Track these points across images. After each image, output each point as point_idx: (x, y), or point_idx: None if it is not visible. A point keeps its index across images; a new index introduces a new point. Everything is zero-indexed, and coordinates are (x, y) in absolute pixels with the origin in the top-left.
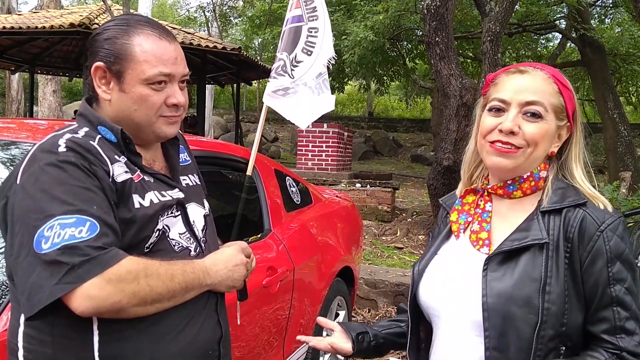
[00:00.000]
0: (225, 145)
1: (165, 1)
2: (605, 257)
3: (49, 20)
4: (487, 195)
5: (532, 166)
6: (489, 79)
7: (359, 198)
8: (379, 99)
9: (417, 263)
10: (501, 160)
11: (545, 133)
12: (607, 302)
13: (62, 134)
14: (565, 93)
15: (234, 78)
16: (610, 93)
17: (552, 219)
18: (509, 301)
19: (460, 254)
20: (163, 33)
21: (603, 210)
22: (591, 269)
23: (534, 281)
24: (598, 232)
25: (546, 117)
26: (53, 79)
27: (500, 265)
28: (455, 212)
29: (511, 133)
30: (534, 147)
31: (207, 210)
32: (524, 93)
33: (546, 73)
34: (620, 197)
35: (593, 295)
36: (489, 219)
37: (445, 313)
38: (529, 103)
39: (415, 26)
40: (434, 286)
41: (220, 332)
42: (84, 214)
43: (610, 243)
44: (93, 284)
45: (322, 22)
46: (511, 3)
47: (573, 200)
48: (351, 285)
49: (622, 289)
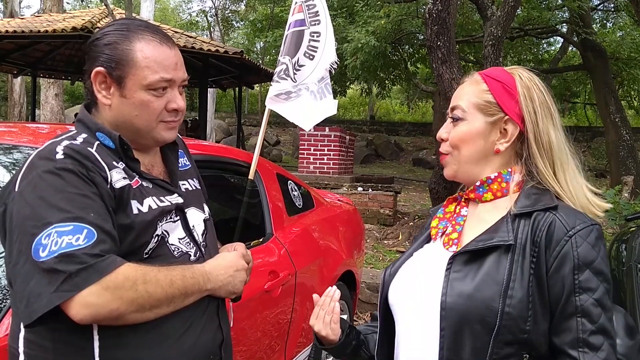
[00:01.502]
0: (227, 149)
1: (168, 5)
2: (572, 263)
3: (51, 24)
4: (464, 201)
5: (481, 167)
6: None
7: (361, 202)
8: (381, 102)
9: (390, 266)
10: (445, 170)
11: (464, 133)
12: (572, 311)
13: (60, 141)
14: (494, 89)
15: (235, 82)
16: (612, 97)
17: (522, 222)
18: (467, 301)
19: (430, 255)
20: (163, 38)
21: (575, 215)
22: (557, 274)
23: (496, 284)
24: (566, 237)
25: (465, 117)
26: (55, 83)
27: (464, 266)
28: (436, 219)
29: (442, 140)
30: (458, 149)
31: (208, 215)
32: (453, 101)
33: (478, 75)
34: (622, 201)
35: (557, 302)
36: (462, 222)
37: (407, 312)
38: (451, 109)
39: (416, 30)
40: (401, 286)
41: (221, 336)
42: (81, 222)
43: (578, 249)
44: (90, 292)
45: (324, 27)
46: (513, 7)
47: (543, 204)
48: (353, 289)
49: (589, 299)
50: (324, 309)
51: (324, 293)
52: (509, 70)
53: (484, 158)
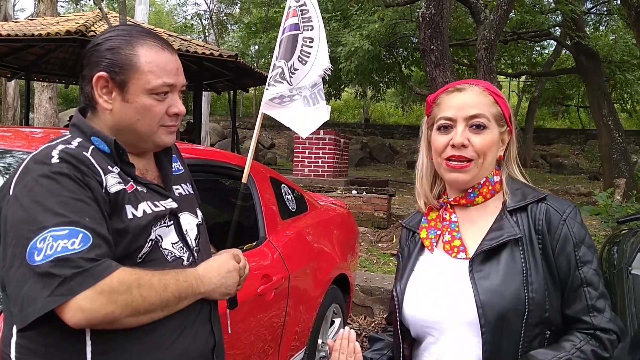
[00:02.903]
0: (221, 153)
1: (162, 8)
2: (571, 242)
3: (45, 27)
4: (450, 207)
5: (486, 173)
6: (429, 100)
7: (355, 205)
8: (375, 105)
9: (397, 283)
10: (458, 176)
11: (491, 142)
12: (578, 283)
13: (55, 145)
14: (500, 101)
15: (230, 85)
16: (605, 100)
17: (519, 216)
18: (499, 296)
19: (440, 266)
20: (164, 44)
21: (561, 201)
22: (562, 255)
23: (518, 274)
24: (562, 221)
25: (489, 126)
26: (49, 86)
27: (483, 265)
28: (423, 229)
29: (462, 146)
30: (483, 157)
31: (200, 219)
32: (467, 108)
33: (480, 87)
34: (614, 203)
35: (566, 278)
36: (457, 228)
37: (439, 323)
38: (472, 117)
39: (410, 33)
40: (422, 301)
41: (213, 341)
42: (76, 226)
43: (573, 229)
44: (85, 296)
45: (317, 33)
46: (506, 11)
47: (534, 197)
48: (347, 292)
49: (589, 270)
50: (343, 352)
51: (337, 335)
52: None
53: (493, 165)
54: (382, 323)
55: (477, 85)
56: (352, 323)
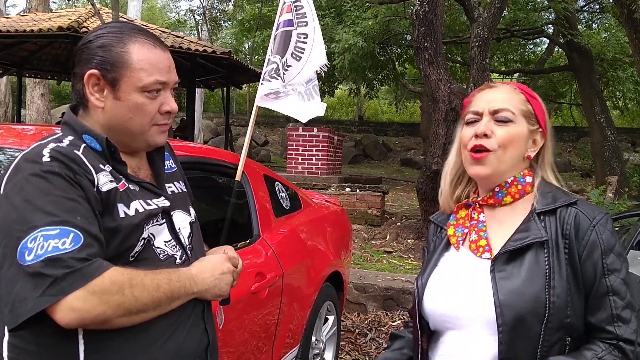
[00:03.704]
0: (214, 150)
1: (155, 4)
2: (599, 249)
3: (37, 23)
4: (478, 207)
5: (512, 170)
6: (466, 102)
7: (349, 202)
8: (369, 103)
9: (419, 277)
10: (478, 168)
11: (515, 135)
12: (604, 291)
13: (47, 143)
14: (532, 102)
15: (223, 82)
16: (597, 97)
17: (547, 219)
18: (519, 297)
19: (463, 263)
20: (156, 41)
21: (593, 207)
22: (588, 261)
23: (541, 277)
24: (591, 227)
25: (515, 120)
26: (41, 82)
27: (505, 265)
28: (451, 227)
29: (485, 136)
30: (504, 150)
31: (194, 217)
32: (493, 102)
33: (512, 86)
34: (606, 201)
35: (591, 286)
36: (484, 228)
37: (458, 318)
38: (497, 111)
39: (404, 31)
40: (443, 295)
41: (207, 340)
42: (67, 225)
43: (603, 236)
44: (77, 296)
45: (312, 29)
46: (499, 9)
47: (565, 200)
48: (340, 289)
49: (617, 279)
50: None
51: None
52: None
53: (517, 162)
54: (376, 320)
55: (510, 84)
56: (346, 320)
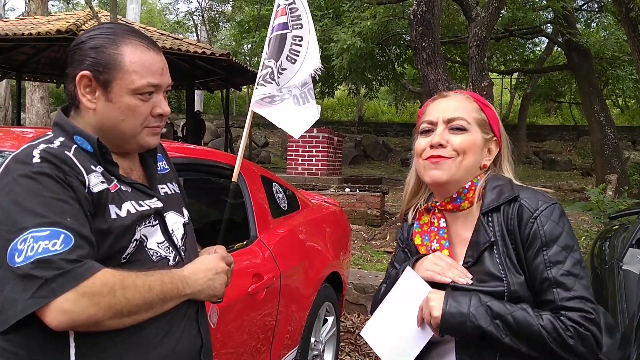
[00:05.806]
0: (211, 151)
1: (154, 7)
2: (540, 241)
3: (36, 26)
4: (438, 212)
5: (467, 175)
6: (420, 112)
7: (349, 203)
8: (369, 103)
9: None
10: (436, 173)
11: (471, 142)
12: (547, 284)
13: (37, 145)
14: (486, 110)
15: (223, 83)
16: (597, 96)
17: (494, 217)
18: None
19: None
20: (150, 43)
21: (538, 197)
22: (529, 253)
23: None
24: (532, 219)
25: (470, 129)
26: (41, 86)
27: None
28: (417, 235)
29: (440, 146)
30: (463, 155)
31: (187, 219)
32: (447, 111)
33: (465, 95)
34: (606, 199)
35: (534, 278)
36: (445, 235)
37: None
38: (452, 120)
39: (403, 31)
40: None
41: (200, 341)
42: (58, 227)
43: (544, 228)
44: (67, 298)
45: (307, 31)
46: (497, 8)
47: (507, 196)
48: (340, 290)
49: (559, 271)
50: None
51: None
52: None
53: (474, 169)
54: None
55: (463, 93)
56: (346, 321)
